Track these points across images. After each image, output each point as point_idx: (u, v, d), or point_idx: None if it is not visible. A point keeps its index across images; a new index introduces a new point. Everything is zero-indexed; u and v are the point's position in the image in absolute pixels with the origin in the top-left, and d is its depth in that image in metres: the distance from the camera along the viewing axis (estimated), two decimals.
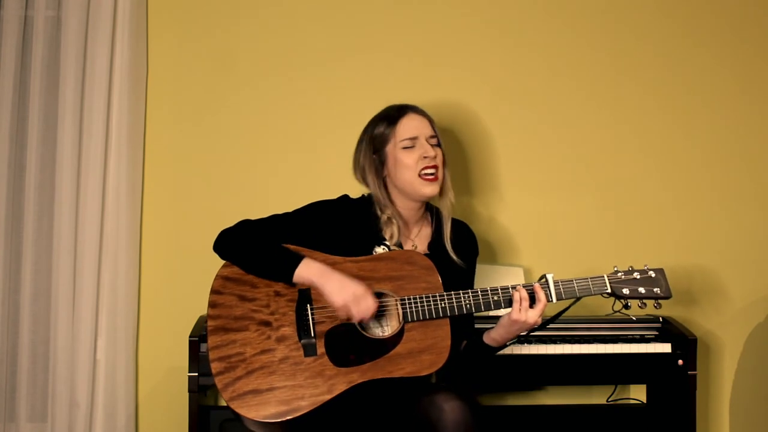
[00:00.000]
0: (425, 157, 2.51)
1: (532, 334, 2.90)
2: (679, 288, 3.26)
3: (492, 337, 2.48)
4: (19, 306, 3.13)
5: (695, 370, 2.87)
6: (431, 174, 2.51)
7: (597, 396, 3.24)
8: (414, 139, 2.53)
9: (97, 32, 3.11)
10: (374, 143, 2.56)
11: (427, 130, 2.56)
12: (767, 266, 3.31)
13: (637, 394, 3.23)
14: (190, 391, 2.76)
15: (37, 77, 3.13)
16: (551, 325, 2.92)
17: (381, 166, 2.56)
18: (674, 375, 2.89)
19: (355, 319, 2.34)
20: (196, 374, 2.74)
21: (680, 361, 2.87)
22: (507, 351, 2.80)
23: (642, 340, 2.93)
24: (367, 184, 2.59)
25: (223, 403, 3.16)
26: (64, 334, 3.09)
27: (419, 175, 2.51)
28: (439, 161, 2.54)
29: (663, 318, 3.01)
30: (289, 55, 3.25)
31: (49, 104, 3.16)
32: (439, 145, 2.57)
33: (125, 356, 3.12)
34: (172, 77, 3.23)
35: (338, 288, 2.34)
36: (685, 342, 2.88)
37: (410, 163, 2.51)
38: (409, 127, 2.55)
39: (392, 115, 2.57)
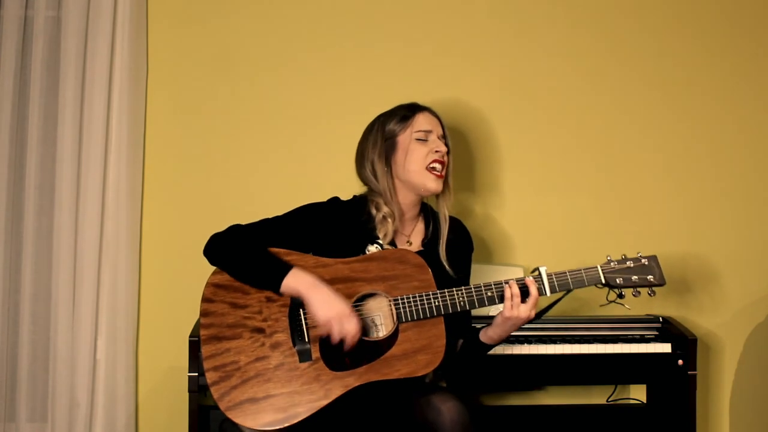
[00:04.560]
0: (436, 152, 2.54)
1: (531, 333, 2.91)
2: (679, 288, 3.26)
3: (488, 335, 2.48)
4: (19, 306, 3.13)
5: (695, 370, 2.87)
6: (438, 169, 2.54)
7: (597, 396, 3.24)
8: (428, 132, 2.56)
9: (97, 32, 3.11)
10: (387, 131, 2.57)
11: (439, 130, 2.60)
12: (767, 266, 3.31)
13: (637, 394, 3.23)
14: (190, 391, 2.75)
15: (37, 77, 3.13)
16: (551, 325, 2.95)
17: (390, 154, 2.56)
18: (674, 375, 2.89)
19: (335, 339, 2.31)
20: (196, 374, 2.74)
21: (680, 361, 2.87)
22: (507, 351, 2.82)
23: (642, 340, 2.93)
24: (374, 175, 2.56)
25: None
26: (64, 334, 3.09)
27: (427, 168, 2.53)
28: (446, 160, 2.57)
29: (663, 318, 3.01)
30: (289, 56, 3.25)
31: (49, 104, 3.15)
32: (447, 147, 2.60)
33: (125, 356, 3.12)
34: (172, 77, 3.23)
35: (324, 303, 2.31)
36: (685, 342, 2.88)
37: (420, 156, 2.53)
38: (424, 121, 2.58)
39: (408, 109, 2.60)
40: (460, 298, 2.38)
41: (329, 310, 2.30)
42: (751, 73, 3.33)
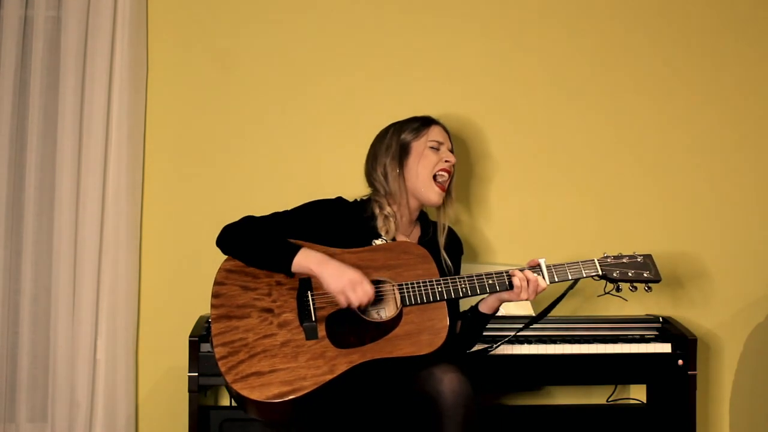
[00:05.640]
0: (446, 161, 2.67)
1: (531, 333, 2.92)
2: (679, 288, 3.26)
3: (488, 305, 2.57)
4: (19, 306, 3.13)
5: (695, 370, 2.87)
6: (443, 181, 2.66)
7: (597, 396, 3.24)
8: (441, 143, 2.69)
9: (97, 32, 3.12)
10: (402, 138, 2.68)
11: (449, 144, 2.73)
12: (767, 266, 3.31)
13: (637, 394, 3.23)
14: (190, 391, 2.76)
15: (37, 77, 3.13)
16: (552, 325, 2.95)
17: (404, 158, 2.66)
18: (674, 375, 2.89)
19: (354, 305, 2.40)
20: (196, 374, 2.75)
21: (680, 361, 2.87)
22: (507, 351, 2.82)
23: (642, 340, 2.93)
24: (384, 177, 2.66)
25: (223, 403, 3.18)
26: (64, 334, 3.09)
27: (434, 177, 2.65)
28: (452, 171, 2.70)
29: (663, 318, 3.01)
30: (289, 55, 3.25)
31: (49, 104, 3.16)
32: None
33: (125, 356, 3.12)
34: (172, 77, 3.23)
35: (335, 275, 2.40)
36: (685, 342, 2.88)
37: (432, 162, 2.66)
38: (438, 133, 2.71)
39: (423, 121, 2.73)
40: (463, 285, 2.46)
41: (341, 279, 2.39)
42: (746, 74, 3.33)
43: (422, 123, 2.71)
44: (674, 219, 3.30)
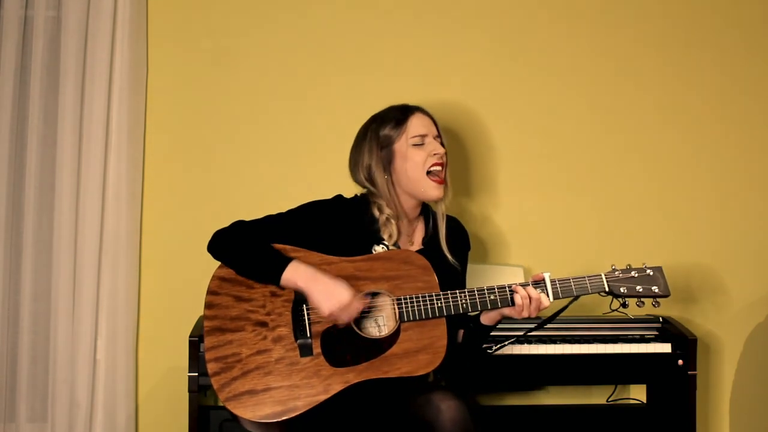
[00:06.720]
0: (435, 154, 2.53)
1: (531, 333, 2.92)
2: (679, 288, 3.26)
3: (489, 317, 2.50)
4: (19, 306, 3.13)
5: (695, 370, 2.87)
6: (438, 173, 2.53)
7: (597, 396, 3.24)
8: (423, 136, 2.55)
9: (97, 32, 3.12)
10: (382, 138, 2.55)
11: (434, 131, 2.58)
12: (767, 266, 3.30)
13: (637, 394, 3.23)
14: (190, 391, 2.76)
15: (37, 77, 3.13)
16: (551, 325, 2.94)
17: (389, 163, 2.55)
18: (674, 375, 2.89)
19: (343, 324, 2.35)
20: (196, 374, 2.74)
21: (680, 361, 2.87)
22: (507, 351, 2.81)
23: (642, 340, 2.93)
24: (372, 183, 2.55)
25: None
26: (64, 334, 3.09)
27: (427, 174, 2.52)
28: (444, 161, 2.56)
29: (663, 318, 3.01)
30: (288, 55, 3.25)
31: (49, 104, 3.16)
32: (443, 145, 2.58)
33: (125, 356, 3.12)
34: (172, 77, 3.23)
35: (324, 296, 2.32)
36: (685, 342, 2.88)
37: (419, 161, 2.52)
38: (418, 124, 2.56)
39: (400, 112, 2.58)
40: (463, 301, 2.39)
41: (329, 300, 2.32)
42: (747, 80, 3.32)
43: (401, 115, 2.55)
44: (674, 220, 3.29)
